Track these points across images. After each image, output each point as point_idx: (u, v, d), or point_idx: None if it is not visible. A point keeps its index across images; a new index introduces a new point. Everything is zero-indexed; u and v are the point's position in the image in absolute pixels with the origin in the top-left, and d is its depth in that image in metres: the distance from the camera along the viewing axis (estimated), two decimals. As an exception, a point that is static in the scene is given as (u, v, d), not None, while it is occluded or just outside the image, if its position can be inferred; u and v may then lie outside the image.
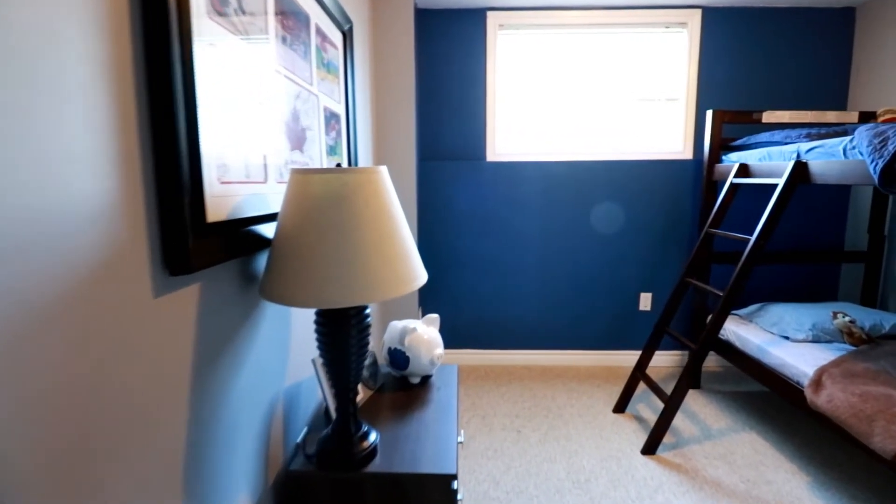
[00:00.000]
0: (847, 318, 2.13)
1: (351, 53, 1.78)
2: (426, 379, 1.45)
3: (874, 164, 1.41)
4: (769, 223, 1.85)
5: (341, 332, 0.96)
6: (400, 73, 2.32)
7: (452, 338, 2.93)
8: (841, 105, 2.71)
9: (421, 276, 0.98)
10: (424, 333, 1.40)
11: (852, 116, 2.37)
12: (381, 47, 2.30)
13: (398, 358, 1.38)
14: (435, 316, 1.45)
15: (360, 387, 1.32)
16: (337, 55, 1.64)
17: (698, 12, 2.60)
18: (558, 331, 2.91)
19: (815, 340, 2.11)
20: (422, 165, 2.77)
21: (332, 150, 1.57)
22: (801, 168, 1.80)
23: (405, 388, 1.39)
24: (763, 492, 1.77)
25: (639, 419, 2.29)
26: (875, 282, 2.53)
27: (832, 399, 1.65)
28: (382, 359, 1.47)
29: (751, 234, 2.75)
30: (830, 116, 2.36)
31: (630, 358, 2.92)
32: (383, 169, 0.96)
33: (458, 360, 2.93)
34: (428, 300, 2.89)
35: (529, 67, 2.73)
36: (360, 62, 2.00)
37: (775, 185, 1.91)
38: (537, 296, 2.87)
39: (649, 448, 2.01)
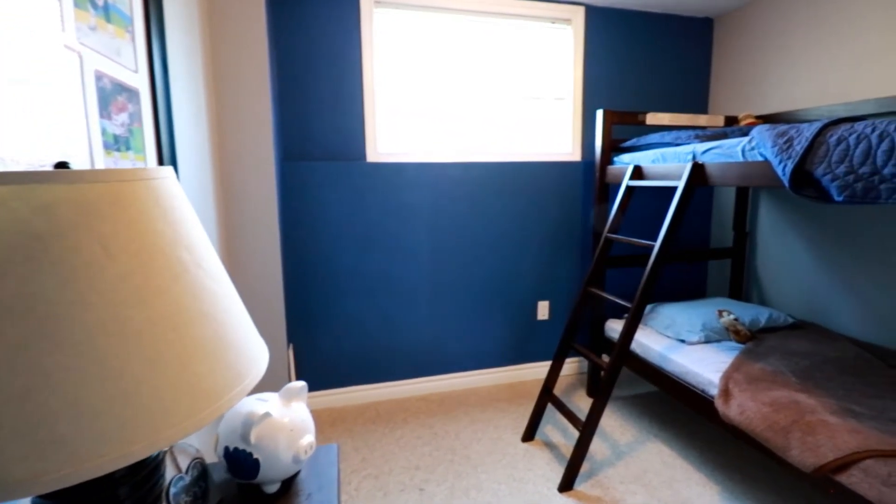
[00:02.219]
0: (732, 317, 2.17)
1: (159, 4, 1.22)
2: (290, 481, 0.98)
3: (783, 165, 1.33)
4: (672, 227, 1.75)
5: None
6: (247, 46, 1.77)
7: (333, 375, 2.44)
8: (703, 108, 2.86)
9: (253, 367, 0.54)
10: (284, 416, 0.94)
11: (719, 120, 2.46)
12: (217, 9, 1.72)
13: (242, 463, 0.90)
14: (299, 385, 0.99)
15: (174, 526, 0.81)
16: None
17: (582, 10, 2.51)
18: (455, 352, 2.61)
19: (707, 341, 2.12)
20: (285, 166, 2.23)
21: (119, 143, 1.01)
22: (699, 170, 1.73)
23: (257, 505, 0.92)
24: (683, 516, 1.66)
25: (550, 446, 2.08)
26: (740, 276, 2.70)
27: (744, 410, 1.58)
28: (216, 457, 0.97)
29: (641, 236, 2.76)
30: (702, 120, 2.43)
31: (531, 371, 2.75)
32: (162, 173, 0.50)
33: (342, 401, 2.45)
34: (300, 333, 2.36)
35: (414, 56, 2.37)
36: (180, 22, 1.43)
37: (673, 188, 1.82)
38: (430, 315, 2.53)
39: (567, 483, 1.79)
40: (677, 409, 2.40)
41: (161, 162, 1.20)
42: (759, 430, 1.50)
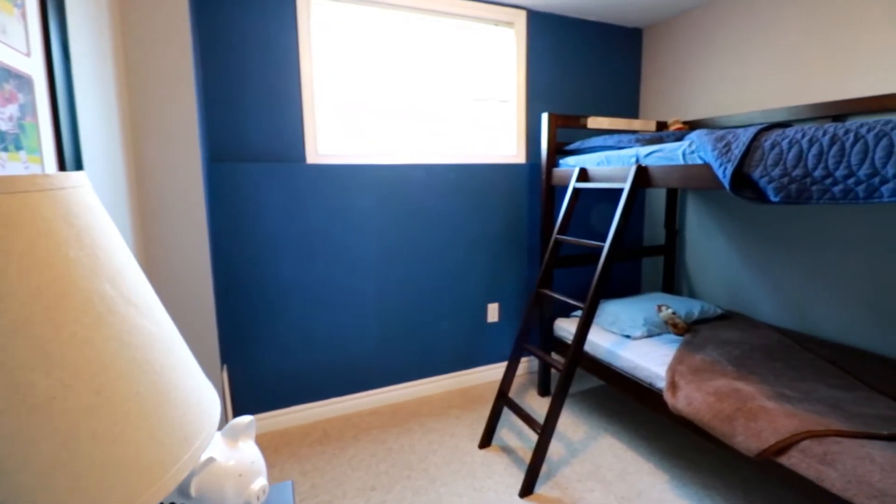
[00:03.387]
0: (670, 311, 2.29)
1: (53, -24, 1.02)
2: (241, 532, 0.85)
3: (723, 168, 1.40)
4: (620, 227, 1.80)
5: None
6: (166, 33, 1.56)
7: (274, 396, 2.25)
8: (634, 113, 3.01)
9: (204, 423, 0.43)
10: (230, 459, 0.81)
11: (651, 125, 2.60)
12: (126, -10, 1.50)
13: (181, 520, 0.76)
14: (245, 421, 0.87)
15: None
16: (10, -34, 0.88)
17: (524, 14, 2.53)
18: (406, 361, 2.52)
19: (650, 335, 2.22)
20: (214, 169, 2.02)
21: (7, 141, 0.83)
22: (643, 172, 1.79)
23: (201, 568, 0.78)
24: (639, 508, 1.71)
25: (507, 450, 2.06)
26: (672, 271, 2.87)
27: (691, 401, 1.65)
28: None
29: (581, 235, 2.83)
30: (636, 124, 2.55)
31: (483, 374, 2.73)
32: (72, 180, 0.38)
33: (285, 422, 2.27)
34: (234, 352, 2.15)
35: (357, 54, 2.25)
36: (86, 3, 1.22)
37: (618, 190, 1.87)
38: (377, 324, 2.42)
39: (527, 488, 1.78)
40: (623, 401, 2.49)
41: (62, 164, 1.01)
42: (706, 420, 1.58)
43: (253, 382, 2.19)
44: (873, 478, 1.15)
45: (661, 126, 2.62)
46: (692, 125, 2.55)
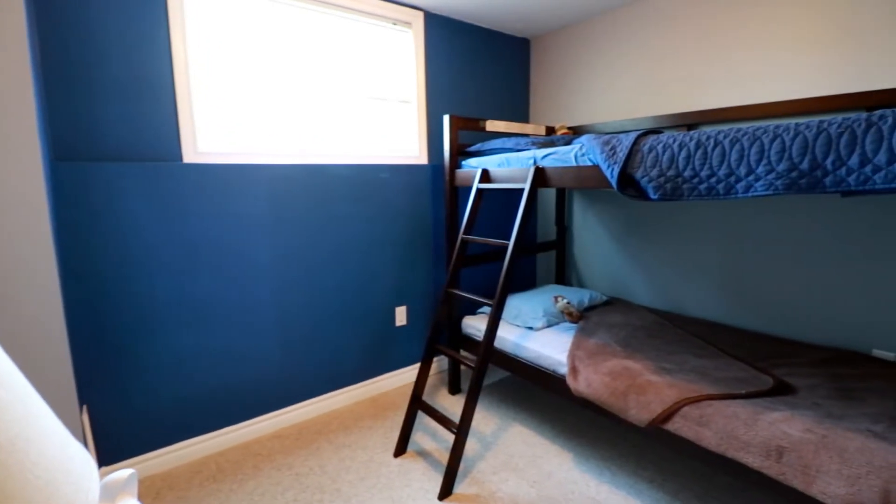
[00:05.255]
0: (565, 301, 2.47)
1: None
2: None
3: (611, 169, 1.53)
4: (523, 225, 1.88)
5: None
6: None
7: (152, 434, 1.94)
8: (525, 118, 3.19)
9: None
10: (110, 526, 0.66)
11: (541, 129, 2.78)
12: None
13: None
14: (124, 476, 0.70)
15: None
16: None
17: (421, 15, 2.52)
18: (310, 375, 2.36)
19: (549, 325, 2.36)
20: (60, 169, 1.67)
21: None
22: (540, 173, 1.89)
23: None
24: (550, 488, 1.80)
25: (423, 454, 2.04)
26: (563, 264, 3.11)
27: (590, 383, 1.79)
28: None
29: (485, 234, 2.91)
30: (529, 128, 2.70)
31: (393, 380, 2.68)
32: None
33: (168, 462, 1.97)
34: (97, 388, 1.81)
35: (248, 44, 2.03)
36: None
37: (519, 190, 1.96)
38: (277, 338, 2.23)
39: (446, 490, 1.78)
40: (528, 389, 2.62)
41: None
42: (604, 399, 1.72)
43: (123, 422, 1.86)
44: (739, 432, 1.35)
45: (550, 130, 2.81)
46: (575, 130, 2.78)
